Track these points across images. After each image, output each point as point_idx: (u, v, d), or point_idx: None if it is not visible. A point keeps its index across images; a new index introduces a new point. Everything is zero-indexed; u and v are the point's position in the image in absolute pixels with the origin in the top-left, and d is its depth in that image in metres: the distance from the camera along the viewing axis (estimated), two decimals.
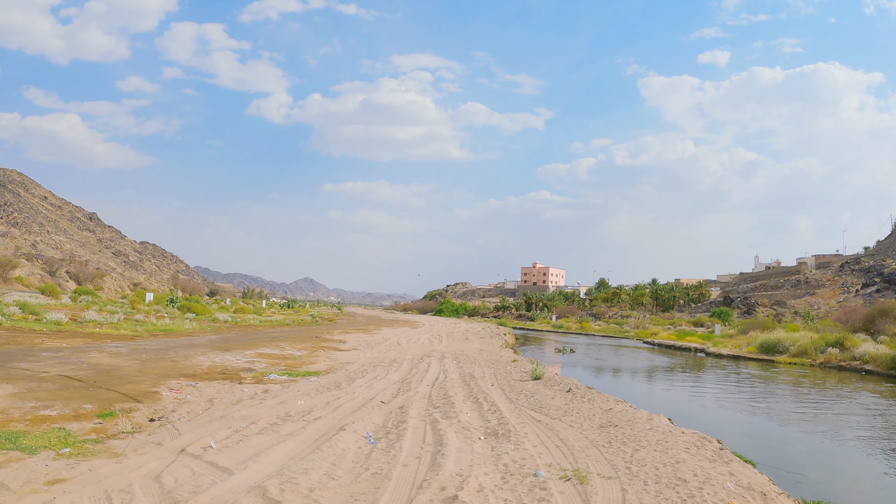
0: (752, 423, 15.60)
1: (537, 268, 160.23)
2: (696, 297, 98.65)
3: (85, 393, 12.89)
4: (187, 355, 20.20)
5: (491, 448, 8.51)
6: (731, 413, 17.17)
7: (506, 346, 32.00)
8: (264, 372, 17.55)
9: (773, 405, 18.67)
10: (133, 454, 8.65)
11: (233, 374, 16.91)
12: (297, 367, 19.19)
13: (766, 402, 19.27)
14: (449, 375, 17.02)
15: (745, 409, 17.93)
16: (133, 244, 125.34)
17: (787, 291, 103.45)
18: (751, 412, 17.29)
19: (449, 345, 30.83)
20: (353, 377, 16.70)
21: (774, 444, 13.26)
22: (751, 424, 15.44)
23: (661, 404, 17.21)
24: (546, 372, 16.48)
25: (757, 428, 15.00)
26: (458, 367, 19.51)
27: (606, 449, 8.47)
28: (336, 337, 33.13)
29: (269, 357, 21.36)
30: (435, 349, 27.35)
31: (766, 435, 14.30)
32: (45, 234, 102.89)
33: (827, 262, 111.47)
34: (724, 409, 17.81)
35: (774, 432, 14.65)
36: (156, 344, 23.52)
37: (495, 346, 30.47)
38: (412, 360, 21.85)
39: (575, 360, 33.13)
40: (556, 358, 33.95)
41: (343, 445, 8.66)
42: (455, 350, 27.26)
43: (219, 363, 18.92)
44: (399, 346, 28.57)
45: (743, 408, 18.05)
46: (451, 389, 14.01)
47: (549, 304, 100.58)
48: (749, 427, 15.09)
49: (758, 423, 15.60)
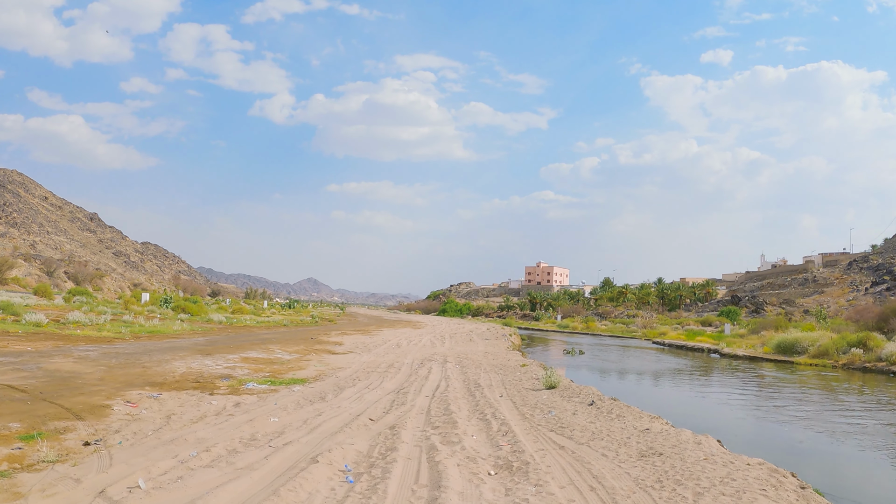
0: (800, 439, 13.42)
1: (541, 267, 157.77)
2: (703, 296, 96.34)
3: (21, 407, 10.79)
4: (163, 360, 18.12)
5: (505, 491, 6.38)
6: (773, 426, 14.98)
7: (512, 349, 29.84)
8: (243, 380, 15.45)
9: (813, 414, 16.48)
10: (37, 497, 6.55)
11: (207, 383, 14.82)
12: (282, 373, 17.09)
13: (805, 411, 17.07)
14: (451, 384, 14.88)
15: (785, 420, 15.74)
16: (134, 244, 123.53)
17: (794, 290, 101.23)
18: (792, 424, 15.11)
19: (452, 347, 28.71)
20: (343, 386, 14.58)
21: (840, 468, 11.10)
22: (799, 440, 13.26)
23: (693, 416, 15.06)
24: (561, 380, 14.27)
25: (808, 445, 12.82)
26: (462, 374, 17.38)
27: (658, 491, 6.32)
28: (332, 339, 31.01)
29: (255, 362, 19.26)
30: (437, 352, 25.23)
31: (822, 453, 12.13)
32: (44, 234, 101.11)
33: (834, 260, 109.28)
34: (763, 422, 15.64)
35: (828, 449, 12.48)
36: (133, 347, 21.44)
37: (501, 349, 28.32)
38: (411, 364, 19.72)
39: (585, 363, 30.98)
40: (564, 360, 31.80)
41: (312, 485, 6.54)
42: (458, 353, 25.14)
43: (195, 369, 16.82)
44: (399, 348, 26.44)
45: (782, 419, 15.87)
46: (453, 402, 11.87)
47: (553, 303, 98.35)
48: (798, 444, 12.91)
49: (806, 439, 13.42)
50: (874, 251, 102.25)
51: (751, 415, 16.59)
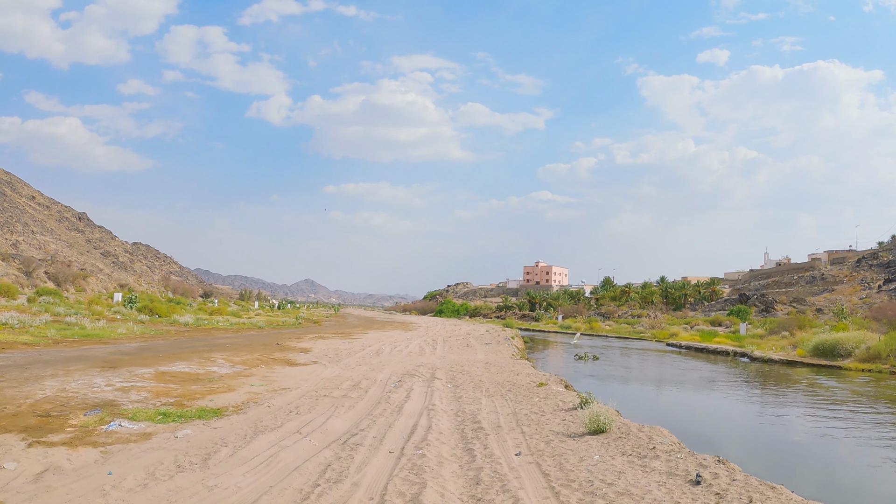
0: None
1: (540, 266, 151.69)
2: (708, 295, 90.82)
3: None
4: (34, 377, 12.49)
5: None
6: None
7: (518, 356, 24.12)
8: (123, 412, 9.86)
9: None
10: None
11: (56, 418, 9.24)
12: (195, 398, 11.48)
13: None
14: (436, 422, 9.23)
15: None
16: (124, 245, 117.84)
17: (802, 288, 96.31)
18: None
19: (445, 355, 23.02)
20: (265, 426, 8.96)
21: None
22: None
23: (843, 480, 9.42)
24: (611, 417, 8.46)
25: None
26: (455, 400, 11.73)
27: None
28: (303, 344, 25.33)
29: (171, 379, 13.61)
30: (425, 362, 19.56)
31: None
32: (28, 233, 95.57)
33: (841, 257, 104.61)
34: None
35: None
36: (23, 357, 15.79)
37: (505, 357, 22.63)
38: (386, 382, 14.08)
39: (604, 371, 25.36)
40: (578, 368, 26.18)
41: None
42: (452, 363, 19.48)
43: (68, 392, 11.21)
44: (377, 356, 20.77)
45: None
46: (433, 476, 6.25)
47: (553, 303, 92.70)
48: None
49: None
50: (881, 248, 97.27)
51: (879, 455, 10.93)
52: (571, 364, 28.57)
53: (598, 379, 22.31)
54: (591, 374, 23.92)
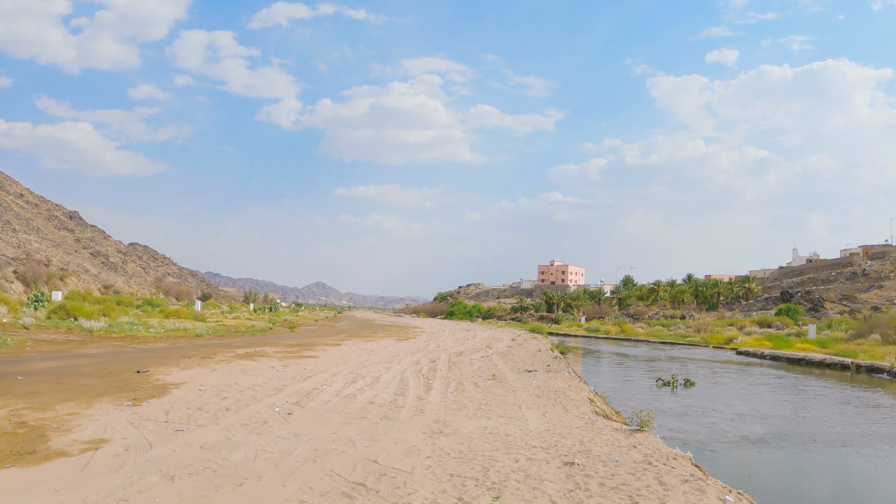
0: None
1: (556, 266, 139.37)
2: (742, 293, 79.10)
3: None
4: None
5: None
6: None
7: (595, 408, 12.37)
8: None
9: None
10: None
11: None
12: None
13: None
14: None
15: None
16: (118, 245, 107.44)
17: (843, 285, 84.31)
18: None
19: (446, 402, 11.61)
20: None
21: None
22: None
23: None
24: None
25: None
26: None
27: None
28: (187, 371, 14.06)
29: None
30: (384, 463, 8.26)
31: None
32: (9, 232, 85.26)
33: (881, 252, 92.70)
34: None
35: None
36: None
37: (585, 414, 11.03)
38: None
39: (726, 409, 13.98)
40: (673, 404, 14.86)
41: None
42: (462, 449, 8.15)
43: None
44: (287, 420, 9.38)
45: None
46: None
47: (573, 303, 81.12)
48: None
49: None
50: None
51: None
52: (650, 389, 17.30)
53: (748, 440, 10.98)
54: (697, 413, 12.58)
